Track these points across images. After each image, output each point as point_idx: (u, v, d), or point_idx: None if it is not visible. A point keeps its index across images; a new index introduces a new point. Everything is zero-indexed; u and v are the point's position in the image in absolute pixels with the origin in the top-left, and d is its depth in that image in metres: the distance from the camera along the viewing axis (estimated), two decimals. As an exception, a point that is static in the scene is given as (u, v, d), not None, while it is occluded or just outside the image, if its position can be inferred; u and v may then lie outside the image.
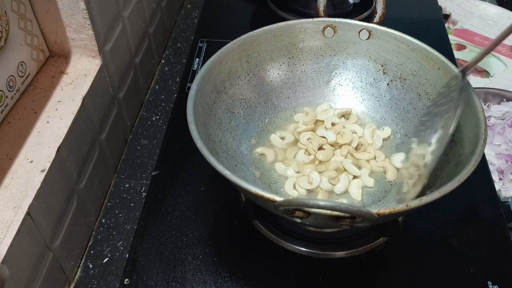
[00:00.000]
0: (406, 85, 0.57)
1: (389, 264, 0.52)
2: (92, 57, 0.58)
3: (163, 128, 0.71)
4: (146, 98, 0.76)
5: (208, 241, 0.53)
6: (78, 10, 0.53)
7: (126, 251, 0.57)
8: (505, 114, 0.78)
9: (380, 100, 0.59)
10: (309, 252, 0.51)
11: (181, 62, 0.82)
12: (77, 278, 0.55)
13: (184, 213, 0.55)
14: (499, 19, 0.97)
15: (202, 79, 0.50)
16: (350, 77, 0.60)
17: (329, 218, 0.38)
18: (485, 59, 0.89)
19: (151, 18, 0.76)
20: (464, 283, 0.49)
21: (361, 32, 0.57)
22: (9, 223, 0.42)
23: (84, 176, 0.56)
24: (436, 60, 0.53)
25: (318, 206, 0.36)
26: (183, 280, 0.50)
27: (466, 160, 0.43)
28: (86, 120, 0.55)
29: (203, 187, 0.58)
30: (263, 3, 0.85)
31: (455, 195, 0.40)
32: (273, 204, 0.38)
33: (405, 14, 0.84)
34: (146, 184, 0.64)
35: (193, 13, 0.93)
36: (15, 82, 0.52)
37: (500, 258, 0.51)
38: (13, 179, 0.46)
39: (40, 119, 0.51)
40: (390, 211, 0.37)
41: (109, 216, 0.61)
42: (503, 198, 0.67)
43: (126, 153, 0.68)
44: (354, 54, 0.59)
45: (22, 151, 0.48)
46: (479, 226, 0.54)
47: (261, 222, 0.53)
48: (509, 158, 0.71)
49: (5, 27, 0.49)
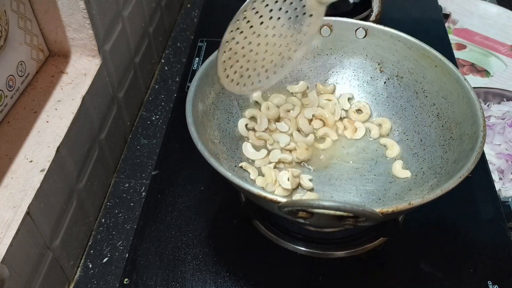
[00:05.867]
0: (403, 83, 0.57)
1: (389, 264, 0.52)
2: (91, 56, 0.58)
3: (163, 128, 0.71)
4: (146, 98, 0.76)
5: (208, 241, 0.53)
6: (77, 9, 0.53)
7: (125, 250, 0.57)
8: (505, 113, 0.78)
9: (377, 98, 0.59)
10: (309, 252, 0.51)
11: (181, 61, 0.82)
12: (76, 278, 0.55)
13: (184, 213, 0.55)
14: (499, 19, 0.97)
15: (200, 80, 0.50)
16: (347, 75, 0.60)
17: (332, 218, 0.38)
18: (485, 59, 0.89)
19: (150, 17, 0.76)
20: (464, 283, 0.49)
21: (358, 31, 0.57)
22: (8, 222, 0.42)
23: (84, 176, 0.56)
24: (433, 57, 0.53)
25: (323, 206, 0.36)
26: (183, 280, 0.49)
27: (466, 157, 0.43)
28: (86, 120, 0.55)
29: (203, 187, 0.58)
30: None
31: (455, 195, 0.40)
32: (277, 205, 0.38)
33: (405, 13, 0.84)
34: (146, 183, 0.63)
35: (193, 13, 0.93)
36: (15, 82, 0.52)
37: (500, 258, 0.51)
38: (12, 178, 0.46)
39: (40, 118, 0.51)
40: (393, 210, 0.37)
41: (109, 216, 0.60)
42: (503, 198, 0.67)
43: (126, 152, 0.68)
44: (351, 53, 0.59)
45: (22, 150, 0.48)
46: (479, 226, 0.54)
47: (261, 222, 0.53)
48: (509, 157, 0.71)
49: (5, 26, 0.49)
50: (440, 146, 0.51)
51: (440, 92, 0.53)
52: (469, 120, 0.47)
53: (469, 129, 0.47)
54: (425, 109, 0.54)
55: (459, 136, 0.48)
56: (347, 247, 0.51)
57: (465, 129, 0.48)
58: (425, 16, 0.84)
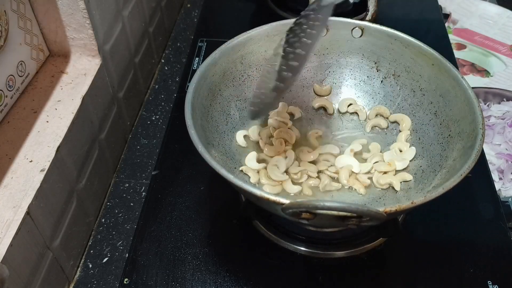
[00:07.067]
0: (400, 81, 0.57)
1: (389, 264, 0.52)
2: (91, 56, 0.58)
3: (162, 128, 0.71)
4: (146, 98, 0.76)
5: (208, 241, 0.53)
6: (77, 9, 0.53)
7: (125, 250, 0.57)
8: (505, 113, 0.78)
9: (374, 97, 0.59)
10: (309, 252, 0.51)
11: (181, 61, 0.82)
12: (76, 278, 0.55)
13: (184, 213, 0.55)
14: (499, 19, 0.97)
15: (198, 82, 0.50)
16: (343, 75, 0.60)
17: (335, 218, 0.38)
18: (485, 59, 0.89)
19: (150, 17, 0.76)
20: (464, 283, 0.49)
21: (354, 30, 0.57)
22: (8, 222, 0.42)
23: (84, 176, 0.56)
24: (429, 56, 0.53)
25: (327, 207, 0.36)
26: (183, 280, 0.49)
27: (466, 155, 0.43)
28: (86, 120, 0.55)
29: (203, 187, 0.58)
30: (263, 3, 0.85)
31: (455, 195, 0.40)
32: (280, 207, 0.38)
33: (405, 13, 0.84)
34: (146, 183, 0.63)
35: (193, 13, 0.93)
36: (15, 82, 0.52)
37: (500, 258, 0.51)
38: (12, 178, 0.46)
39: (40, 118, 0.51)
40: (396, 209, 0.37)
41: (109, 216, 0.60)
42: (503, 198, 0.67)
43: (126, 152, 0.68)
44: (347, 52, 0.59)
45: (22, 150, 0.48)
46: (479, 226, 0.54)
47: (261, 222, 0.53)
48: (509, 157, 0.71)
49: (5, 26, 0.49)
50: (439, 144, 0.51)
51: (437, 90, 0.53)
52: (468, 118, 0.47)
53: (468, 126, 0.47)
54: (423, 107, 0.54)
55: (458, 134, 0.48)
56: (347, 247, 0.51)
57: (464, 126, 0.48)
58: (425, 16, 0.84)
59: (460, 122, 0.49)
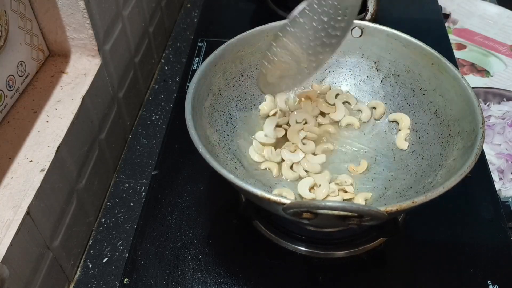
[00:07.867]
0: (400, 81, 0.57)
1: (389, 264, 0.52)
2: (91, 56, 0.58)
3: (163, 128, 0.71)
4: (146, 98, 0.76)
5: (208, 241, 0.53)
6: (77, 9, 0.53)
7: (125, 250, 0.57)
8: (505, 113, 0.78)
9: (374, 97, 0.59)
10: (309, 252, 0.51)
11: (181, 61, 0.82)
12: (76, 278, 0.55)
13: (184, 213, 0.55)
14: (499, 19, 0.97)
15: (198, 82, 0.50)
16: (343, 75, 0.60)
17: (336, 218, 0.39)
18: (485, 59, 0.89)
19: (150, 17, 0.76)
20: (464, 283, 0.49)
21: (354, 30, 0.57)
22: (8, 222, 0.42)
23: (84, 176, 0.56)
24: (429, 55, 0.53)
25: (329, 207, 0.36)
26: (183, 280, 0.49)
27: (466, 154, 0.43)
28: (86, 120, 0.55)
29: (203, 187, 0.58)
30: (263, 3, 0.85)
31: (455, 195, 0.40)
32: (281, 207, 0.38)
33: (405, 13, 0.84)
34: (145, 183, 0.63)
35: (193, 13, 0.93)
36: (15, 82, 0.52)
37: (500, 258, 0.51)
38: (12, 178, 0.46)
39: (40, 118, 0.51)
40: (397, 208, 0.37)
41: (109, 216, 0.60)
42: (503, 198, 0.67)
43: (126, 152, 0.68)
44: (347, 52, 0.59)
45: (22, 150, 0.48)
46: (479, 226, 0.54)
47: (261, 222, 0.53)
48: (509, 157, 0.71)
49: (5, 26, 0.49)
50: (439, 144, 0.51)
51: (437, 90, 0.53)
52: (468, 117, 0.47)
53: (468, 126, 0.47)
54: (423, 107, 0.54)
55: (458, 133, 0.48)
56: (347, 247, 0.51)
57: (464, 126, 0.48)
58: (425, 16, 0.84)
59: (460, 121, 0.49)
